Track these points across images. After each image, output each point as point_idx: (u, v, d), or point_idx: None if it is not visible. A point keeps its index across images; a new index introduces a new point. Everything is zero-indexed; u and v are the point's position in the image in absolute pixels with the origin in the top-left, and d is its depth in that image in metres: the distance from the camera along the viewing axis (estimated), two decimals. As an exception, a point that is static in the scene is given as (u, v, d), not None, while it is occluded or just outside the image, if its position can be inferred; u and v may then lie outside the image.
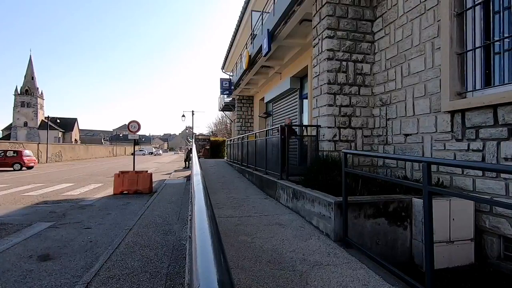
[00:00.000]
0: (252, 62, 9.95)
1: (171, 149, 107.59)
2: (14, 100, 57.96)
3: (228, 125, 36.27)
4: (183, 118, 27.11)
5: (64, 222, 5.77)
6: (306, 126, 6.17)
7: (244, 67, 10.80)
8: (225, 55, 17.01)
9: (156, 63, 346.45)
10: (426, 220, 2.04)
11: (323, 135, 5.10)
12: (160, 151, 66.45)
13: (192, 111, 28.04)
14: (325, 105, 5.02)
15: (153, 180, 9.98)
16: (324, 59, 5.03)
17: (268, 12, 8.09)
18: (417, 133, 4.21)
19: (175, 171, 16.94)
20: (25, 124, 58.10)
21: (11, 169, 18.77)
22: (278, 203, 5.15)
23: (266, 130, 8.60)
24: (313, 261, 2.68)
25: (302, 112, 9.45)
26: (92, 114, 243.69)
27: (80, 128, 72.17)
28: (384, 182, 3.83)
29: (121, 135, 78.33)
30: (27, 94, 58.91)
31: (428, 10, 4.01)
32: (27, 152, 20.45)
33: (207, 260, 0.59)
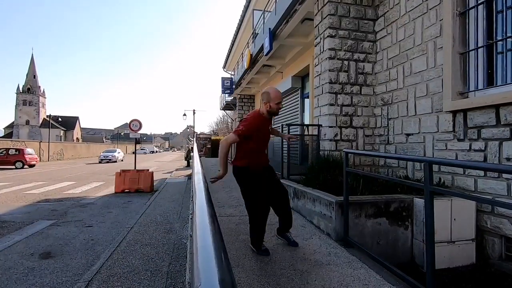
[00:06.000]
0: (253, 61, 9.94)
1: (171, 148, 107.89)
2: (16, 98, 58.15)
3: (230, 124, 36.27)
4: (184, 117, 27.15)
5: (66, 220, 5.79)
6: (307, 126, 6.16)
7: (246, 66, 10.79)
8: (226, 54, 17.01)
9: (158, 62, 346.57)
10: (427, 220, 2.03)
11: (324, 135, 5.09)
12: (146, 150, 52.93)
13: (194, 110, 28.08)
14: (326, 105, 5.01)
15: (154, 179, 10.00)
16: (326, 58, 5.02)
17: (270, 11, 8.08)
18: (419, 133, 4.20)
19: (176, 170, 16.96)
20: (27, 122, 58.29)
21: (13, 167, 18.87)
22: (279, 202, 5.14)
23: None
24: (314, 261, 2.68)
25: (304, 111, 9.43)
26: (93, 112, 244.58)
27: (81, 126, 72.38)
28: (385, 182, 3.82)
29: (122, 133, 78.49)
30: (29, 93, 59.08)
31: (430, 9, 3.99)
32: (29, 150, 20.56)
33: (208, 259, 0.59)
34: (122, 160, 29.92)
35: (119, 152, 30.39)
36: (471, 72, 3.55)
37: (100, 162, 26.67)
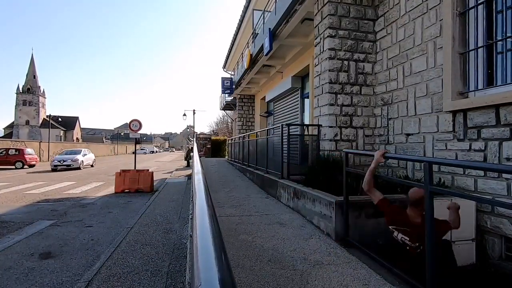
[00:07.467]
0: (253, 61, 9.94)
1: (171, 148, 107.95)
2: (16, 98, 58.11)
3: (229, 124, 36.28)
4: (184, 117, 27.11)
5: (66, 220, 5.79)
6: (307, 126, 6.16)
7: (246, 66, 10.79)
8: (226, 54, 17.00)
9: (158, 62, 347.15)
10: (427, 220, 2.03)
11: (324, 135, 5.09)
12: (146, 150, 57.00)
13: (194, 110, 28.03)
14: (326, 105, 5.01)
15: (154, 179, 10.00)
16: (326, 58, 5.02)
17: (270, 11, 8.08)
18: (419, 133, 4.20)
19: (176, 170, 16.96)
20: (27, 122, 58.25)
21: (13, 167, 18.85)
22: (279, 202, 5.14)
23: (267, 129, 8.60)
24: (314, 261, 2.68)
25: (303, 112, 9.43)
26: (93, 112, 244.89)
27: (81, 126, 72.36)
28: (385, 182, 3.82)
29: (122, 133, 78.43)
30: (29, 93, 59.04)
31: (430, 9, 3.99)
32: (29, 150, 20.54)
33: (208, 259, 0.59)
34: (92, 166, 20.22)
35: (85, 154, 19.73)
36: (471, 72, 3.55)
37: (53, 170, 16.86)
